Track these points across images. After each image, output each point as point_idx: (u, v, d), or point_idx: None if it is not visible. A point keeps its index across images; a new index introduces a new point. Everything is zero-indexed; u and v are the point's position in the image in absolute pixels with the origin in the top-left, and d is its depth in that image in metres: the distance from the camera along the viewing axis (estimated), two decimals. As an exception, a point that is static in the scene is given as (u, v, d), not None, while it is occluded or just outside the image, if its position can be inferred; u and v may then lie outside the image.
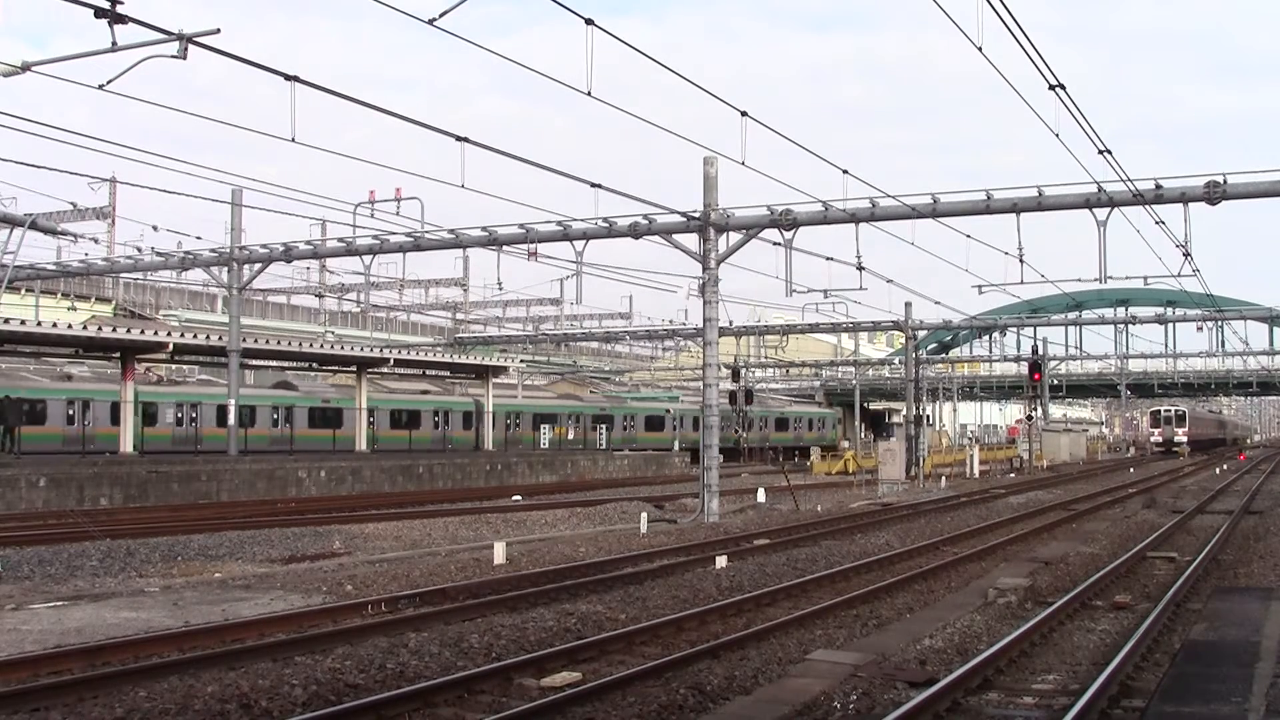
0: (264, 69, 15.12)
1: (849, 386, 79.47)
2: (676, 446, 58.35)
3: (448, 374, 51.28)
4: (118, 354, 35.80)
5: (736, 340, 64.75)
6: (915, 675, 9.86)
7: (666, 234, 27.00)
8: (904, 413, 57.51)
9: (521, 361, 65.32)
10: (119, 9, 13.39)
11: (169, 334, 35.81)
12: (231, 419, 34.43)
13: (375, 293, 55.95)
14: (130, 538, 20.21)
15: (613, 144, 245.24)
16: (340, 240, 32.87)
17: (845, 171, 22.93)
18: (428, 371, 49.40)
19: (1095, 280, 26.08)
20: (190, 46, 14.96)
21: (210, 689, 9.04)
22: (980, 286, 35.00)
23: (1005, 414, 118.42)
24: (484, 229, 29.00)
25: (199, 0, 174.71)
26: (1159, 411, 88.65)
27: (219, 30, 15.17)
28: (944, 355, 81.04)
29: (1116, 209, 24.11)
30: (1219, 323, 52.62)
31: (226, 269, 35.16)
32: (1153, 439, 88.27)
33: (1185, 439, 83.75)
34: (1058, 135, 17.63)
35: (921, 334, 62.67)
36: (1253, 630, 11.41)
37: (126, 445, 34.17)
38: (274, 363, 45.66)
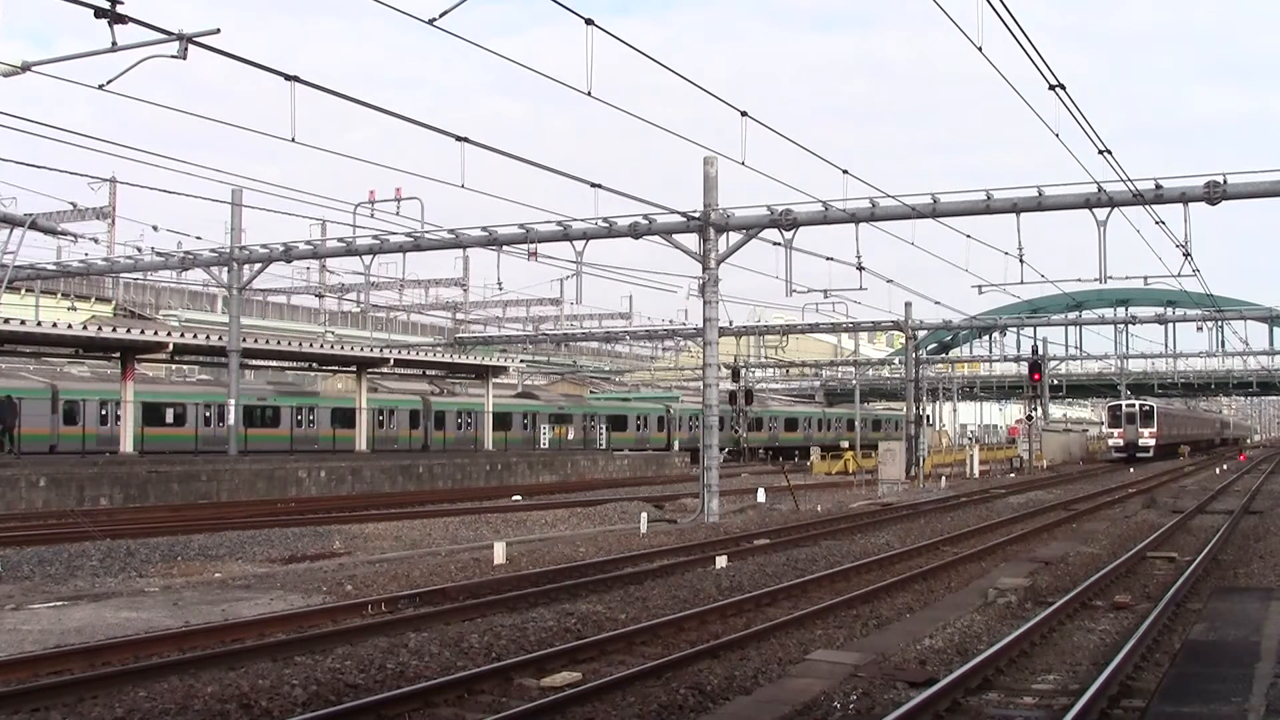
0: (264, 69, 15.13)
1: (849, 386, 79.56)
2: (676, 446, 58.42)
3: (447, 374, 51.32)
4: (118, 354, 35.80)
5: (736, 340, 64.76)
6: (915, 675, 9.86)
7: (666, 234, 27.00)
8: (904, 412, 57.53)
9: (521, 361, 65.33)
10: (119, 9, 13.39)
11: (169, 334, 35.80)
12: (231, 418, 34.41)
13: (375, 293, 56.00)
14: (130, 538, 20.20)
15: (613, 144, 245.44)
16: (340, 240, 32.86)
17: (845, 171, 22.96)
18: (427, 371, 49.47)
19: (1095, 280, 26.10)
20: (190, 46, 14.95)
21: (210, 689, 9.04)
22: (980, 286, 34.97)
23: (1005, 414, 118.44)
24: (484, 229, 29.00)
25: (199, 0, 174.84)
26: (1118, 408, 68.66)
27: (219, 30, 15.16)
28: (944, 355, 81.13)
29: (1116, 209, 24.11)
30: (1219, 323, 52.64)
31: (226, 269, 35.16)
32: (1111, 442, 68.67)
33: (1152, 441, 66.59)
34: (1058, 135, 17.66)
35: (921, 334, 62.69)
36: (1253, 630, 11.40)
37: (126, 445, 34.17)
38: (274, 363, 45.74)
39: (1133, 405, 67.68)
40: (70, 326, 34.63)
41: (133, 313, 57.58)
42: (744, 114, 19.90)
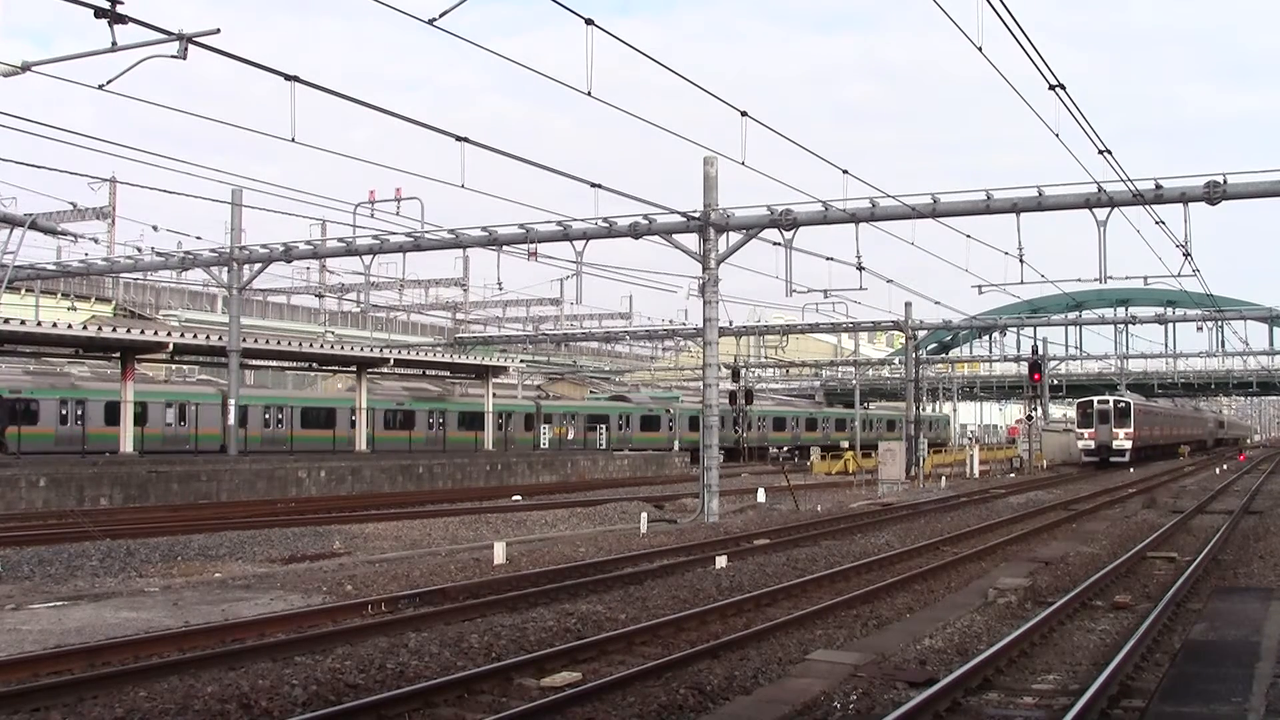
0: (264, 69, 15.12)
1: (849, 386, 79.58)
2: (676, 446, 58.48)
3: (448, 374, 51.40)
4: (118, 354, 35.81)
5: (736, 340, 64.77)
6: (915, 675, 9.86)
7: (666, 234, 27.00)
8: (905, 413, 57.56)
9: (521, 361, 65.33)
10: (119, 9, 13.40)
11: (169, 334, 35.80)
12: (231, 418, 34.41)
13: (375, 293, 55.99)
14: (130, 538, 20.20)
15: (613, 144, 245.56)
16: (340, 240, 32.86)
17: (845, 171, 22.96)
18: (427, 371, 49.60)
19: (1095, 280, 26.12)
20: (190, 46, 14.96)
21: (210, 689, 9.04)
22: (980, 286, 35.00)
23: (1005, 414, 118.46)
24: (484, 229, 29.00)
25: (199, 0, 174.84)
26: (1088, 404, 58.97)
27: (219, 30, 15.18)
28: (944, 355, 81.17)
29: (1116, 209, 24.11)
30: (1219, 323, 52.64)
31: (226, 269, 35.15)
32: (1081, 444, 59.03)
33: (1129, 443, 57.03)
34: (1058, 135, 17.67)
35: (921, 334, 62.71)
36: (1253, 630, 11.40)
37: (126, 445, 34.17)
38: (274, 363, 45.74)
39: (1106, 402, 58.64)
40: (70, 326, 34.64)
41: (133, 313, 57.57)
42: (744, 114, 19.90)
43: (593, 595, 14.15)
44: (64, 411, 38.10)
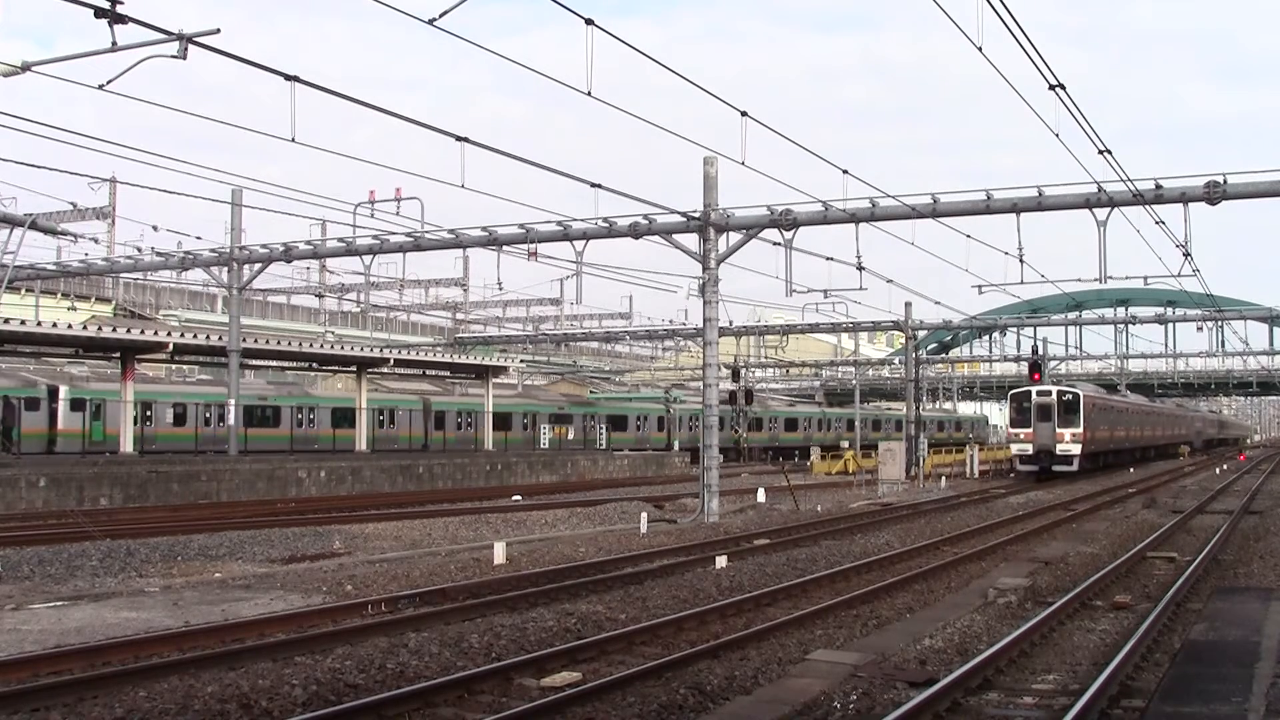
0: (264, 69, 15.12)
1: (849, 386, 79.59)
2: (676, 446, 58.54)
3: (448, 374, 51.44)
4: (118, 354, 35.81)
5: (736, 340, 64.72)
6: (915, 675, 9.86)
7: (666, 234, 26.99)
8: (904, 413, 57.55)
9: (521, 361, 65.30)
10: (119, 9, 13.40)
11: (169, 334, 35.80)
12: (231, 418, 34.40)
13: (375, 293, 56.04)
14: (130, 538, 20.19)
15: (613, 144, 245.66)
16: (340, 240, 32.84)
17: (845, 171, 22.97)
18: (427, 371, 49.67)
19: (1095, 280, 26.10)
20: (190, 46, 14.96)
21: (210, 689, 9.05)
22: (980, 286, 35.00)
23: (1005, 414, 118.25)
24: (484, 229, 28.99)
25: (199, 0, 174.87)
26: (1025, 396, 45.12)
27: (219, 30, 15.18)
28: (944, 355, 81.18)
29: (1116, 209, 24.11)
30: (1219, 323, 52.63)
31: (226, 269, 35.13)
32: (1016, 448, 45.68)
33: (1077, 448, 43.47)
34: (1058, 135, 17.67)
35: (921, 334, 62.70)
36: (1253, 630, 11.40)
37: (126, 445, 34.17)
38: (274, 363, 45.75)
39: (1047, 394, 44.37)
40: (70, 326, 34.63)
41: (133, 313, 57.57)
42: (744, 114, 19.90)
43: (593, 595, 14.15)
44: (299, 416, 44.67)
